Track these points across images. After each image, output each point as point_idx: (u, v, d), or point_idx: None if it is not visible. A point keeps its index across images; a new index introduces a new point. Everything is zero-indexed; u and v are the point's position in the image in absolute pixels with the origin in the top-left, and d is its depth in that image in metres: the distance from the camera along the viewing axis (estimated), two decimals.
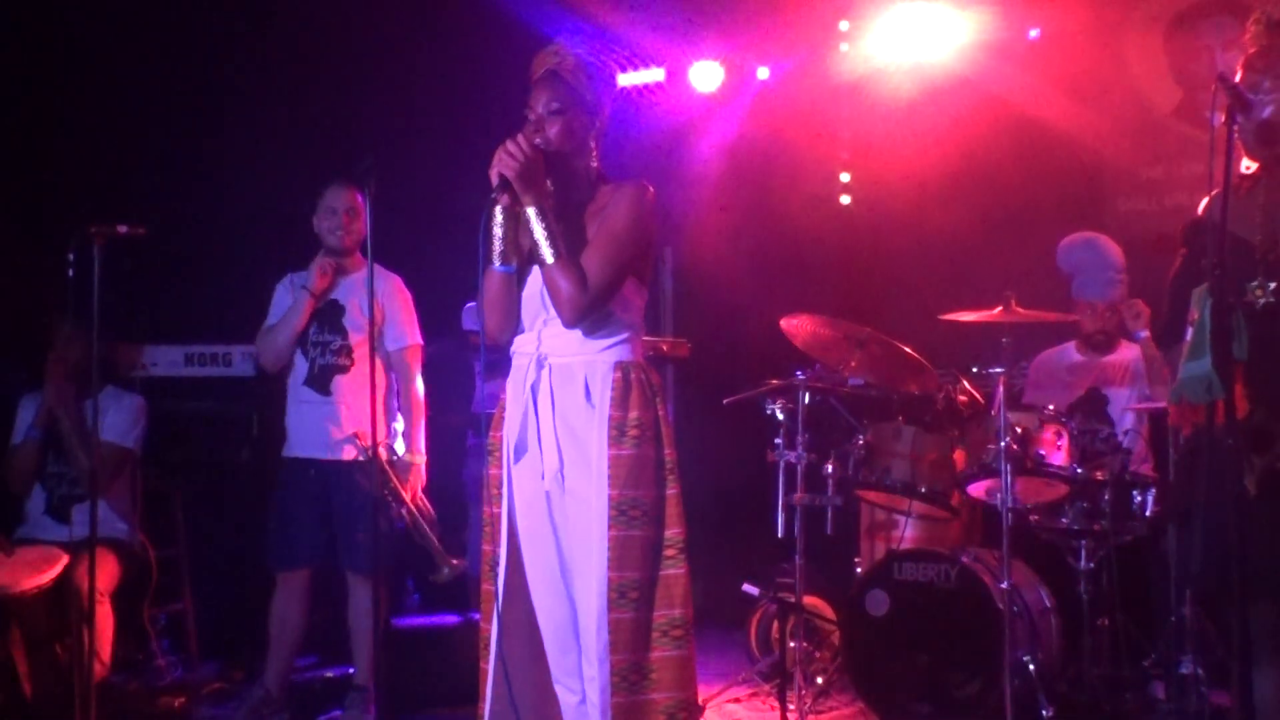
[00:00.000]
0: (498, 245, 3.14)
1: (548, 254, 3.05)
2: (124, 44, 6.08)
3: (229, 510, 5.72)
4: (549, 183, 3.13)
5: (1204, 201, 3.05)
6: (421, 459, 4.71)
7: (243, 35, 6.29)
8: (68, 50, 6.13)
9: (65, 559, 4.55)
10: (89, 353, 4.36)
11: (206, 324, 5.81)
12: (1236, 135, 2.74)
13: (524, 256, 3.17)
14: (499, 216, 3.12)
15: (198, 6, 6.26)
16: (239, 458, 5.70)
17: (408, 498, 4.52)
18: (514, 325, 3.23)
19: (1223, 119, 2.67)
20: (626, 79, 7.19)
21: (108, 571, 4.61)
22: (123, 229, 4.14)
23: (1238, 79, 2.92)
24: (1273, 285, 2.76)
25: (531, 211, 3.05)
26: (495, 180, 3.04)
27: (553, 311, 3.11)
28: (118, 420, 4.86)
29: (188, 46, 6.22)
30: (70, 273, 4.11)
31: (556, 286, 3.05)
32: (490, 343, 3.22)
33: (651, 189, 3.19)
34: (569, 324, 3.09)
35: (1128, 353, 5.19)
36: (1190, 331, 2.73)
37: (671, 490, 3.14)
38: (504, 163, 3.02)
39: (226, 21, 6.26)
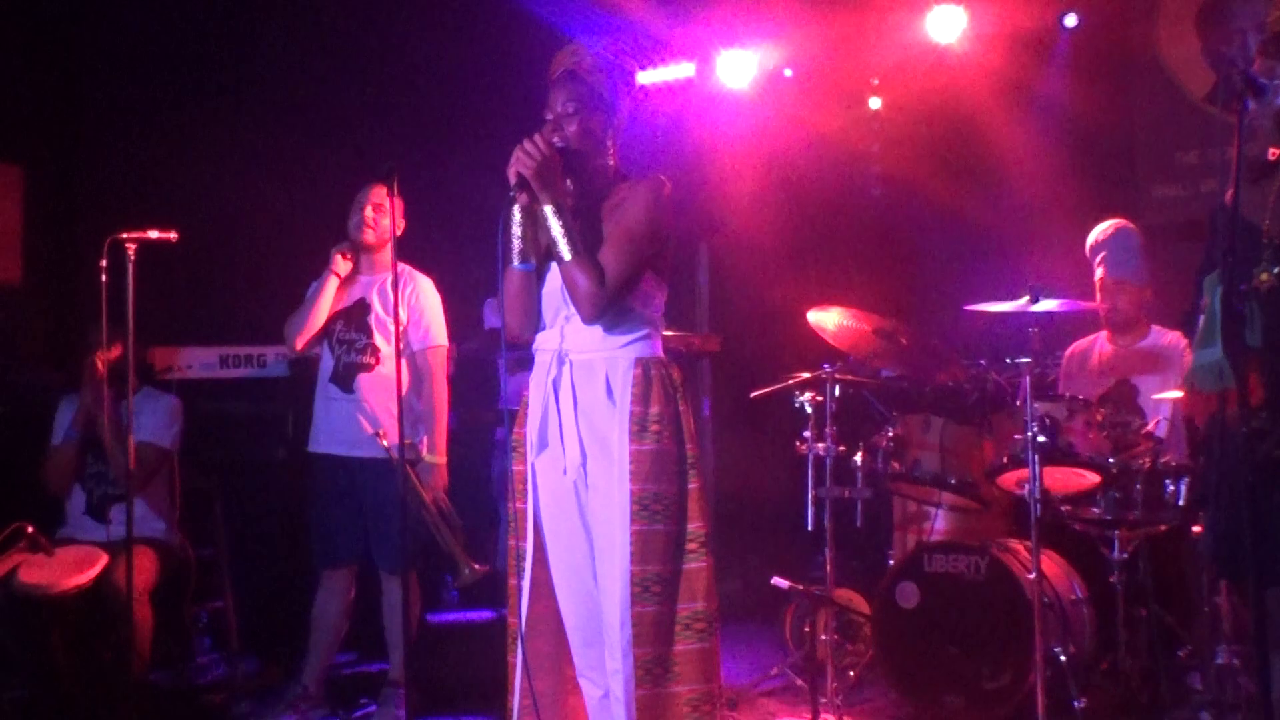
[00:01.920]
0: (516, 244, 3.17)
1: (565, 251, 3.07)
2: (154, 49, 6.16)
3: (267, 509, 5.79)
4: (567, 181, 3.16)
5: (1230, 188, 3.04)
6: (443, 460, 4.71)
7: (271, 39, 6.36)
8: (98, 57, 6.22)
9: (105, 559, 4.61)
10: (125, 356, 4.44)
11: (240, 326, 5.88)
12: (1251, 122, 2.72)
13: (543, 254, 3.20)
14: (517, 215, 3.16)
15: (227, 11, 6.33)
16: (275, 457, 5.76)
17: (428, 499, 4.54)
18: (535, 323, 3.26)
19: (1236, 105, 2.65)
20: (657, 74, 7.20)
21: (146, 570, 4.67)
22: (153, 234, 4.21)
23: (1255, 65, 2.90)
24: (1277, 270, 2.73)
25: (549, 209, 3.07)
26: (513, 179, 3.08)
27: (573, 308, 3.14)
28: (154, 421, 4.92)
29: (217, 51, 6.29)
30: (104, 278, 4.18)
31: (574, 283, 3.08)
32: (512, 340, 3.25)
33: (668, 183, 3.20)
34: (588, 320, 3.11)
35: (1161, 339, 5.14)
36: (1201, 319, 2.71)
37: (693, 485, 3.15)
38: (521, 162, 3.06)
39: (255, 26, 6.33)
